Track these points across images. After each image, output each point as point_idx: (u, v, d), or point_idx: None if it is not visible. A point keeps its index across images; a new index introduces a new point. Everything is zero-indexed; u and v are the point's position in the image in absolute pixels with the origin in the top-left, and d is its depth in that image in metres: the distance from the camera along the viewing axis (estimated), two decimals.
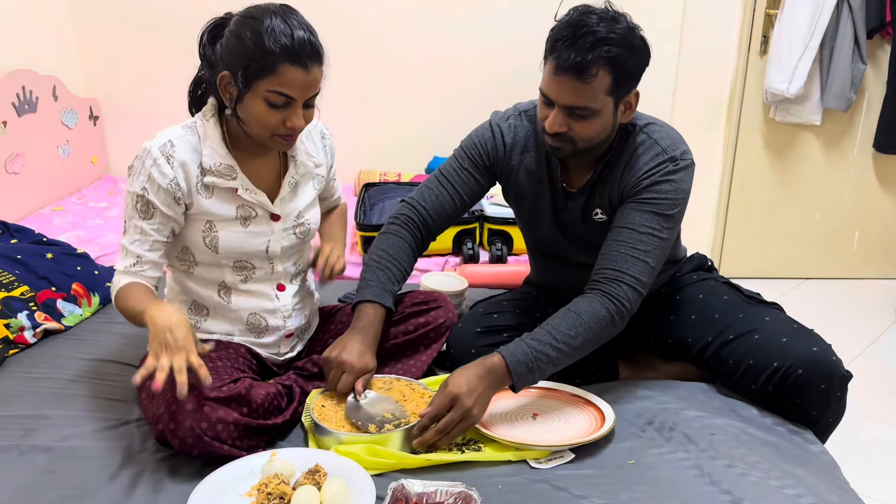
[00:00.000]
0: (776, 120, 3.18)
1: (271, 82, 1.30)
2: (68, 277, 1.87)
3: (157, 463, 1.30)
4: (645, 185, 1.47)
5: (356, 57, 3.06)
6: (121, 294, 1.39)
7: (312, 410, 1.38)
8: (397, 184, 2.70)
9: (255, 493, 1.19)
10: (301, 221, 1.53)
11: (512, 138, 1.60)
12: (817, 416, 1.48)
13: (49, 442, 1.36)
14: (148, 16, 3.01)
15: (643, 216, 1.46)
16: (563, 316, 1.41)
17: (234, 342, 1.52)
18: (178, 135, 1.40)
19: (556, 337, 1.38)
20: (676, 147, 1.49)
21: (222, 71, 1.34)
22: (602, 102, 1.39)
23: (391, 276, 1.55)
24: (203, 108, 1.44)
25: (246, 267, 1.49)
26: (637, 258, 1.44)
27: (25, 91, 2.55)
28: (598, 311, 1.41)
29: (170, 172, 1.36)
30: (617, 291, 1.42)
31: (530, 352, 1.37)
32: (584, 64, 1.33)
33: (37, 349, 1.71)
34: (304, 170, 1.54)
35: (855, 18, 2.96)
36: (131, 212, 1.40)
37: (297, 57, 1.29)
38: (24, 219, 2.51)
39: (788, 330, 1.52)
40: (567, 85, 1.36)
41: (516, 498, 1.22)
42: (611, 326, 1.43)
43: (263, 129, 1.35)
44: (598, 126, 1.42)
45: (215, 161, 1.40)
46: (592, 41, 1.32)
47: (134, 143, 3.30)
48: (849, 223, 3.35)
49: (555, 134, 1.43)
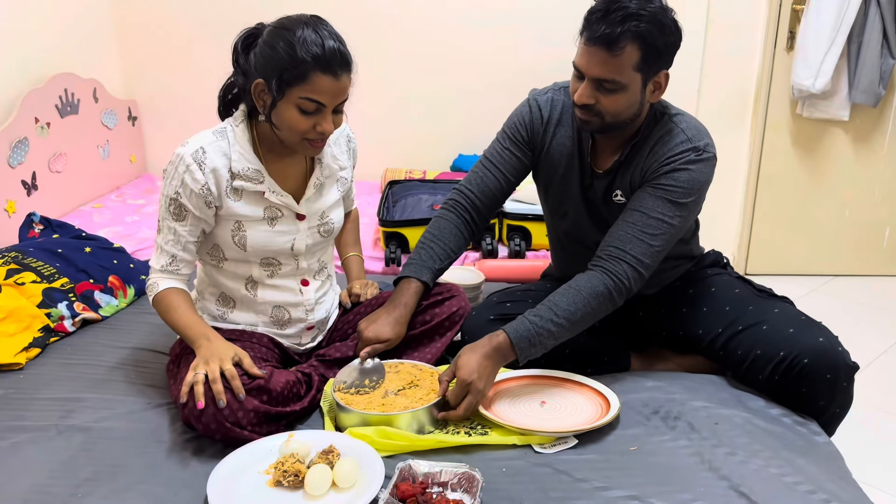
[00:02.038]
0: (803, 116, 3.16)
1: (303, 90, 1.37)
2: (105, 270, 1.97)
3: (183, 443, 1.39)
4: (664, 171, 1.51)
5: (384, 57, 3.12)
6: (162, 301, 1.50)
7: (335, 393, 1.46)
8: (421, 181, 2.76)
9: (272, 470, 1.26)
10: (325, 221, 1.60)
11: (549, 111, 1.66)
12: (824, 406, 1.50)
13: (86, 423, 1.45)
14: (184, 21, 3.12)
15: (656, 201, 1.50)
16: (563, 292, 1.49)
17: (258, 332, 1.60)
18: (209, 141, 1.47)
19: (557, 312, 1.46)
20: (701, 138, 1.54)
21: (256, 79, 1.41)
22: (629, 77, 1.44)
23: (432, 254, 1.65)
24: (234, 114, 1.52)
25: (272, 263, 1.57)
26: (642, 240, 1.49)
27: (67, 94, 2.68)
28: (597, 287, 1.47)
29: (201, 178, 1.44)
30: (617, 269, 1.48)
31: (532, 327, 1.45)
32: (614, 36, 1.39)
33: (76, 337, 1.81)
34: (329, 171, 1.61)
35: (884, 13, 2.93)
36: (165, 213, 1.49)
37: (328, 65, 1.36)
38: (67, 215, 2.64)
39: (796, 321, 1.54)
40: (597, 57, 1.43)
41: (519, 480, 1.27)
42: (608, 303, 1.49)
43: (295, 135, 1.42)
44: (625, 101, 1.47)
45: (244, 166, 1.48)
46: (623, 16, 1.39)
47: (170, 143, 3.42)
48: (879, 220, 3.31)
49: (583, 106, 1.48)
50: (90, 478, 1.28)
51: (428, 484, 1.22)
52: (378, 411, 1.40)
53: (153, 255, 1.54)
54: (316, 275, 1.64)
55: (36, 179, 2.50)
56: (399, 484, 1.20)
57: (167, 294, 1.50)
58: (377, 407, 1.42)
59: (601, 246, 1.52)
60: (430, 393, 1.46)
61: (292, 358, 1.65)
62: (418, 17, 3.14)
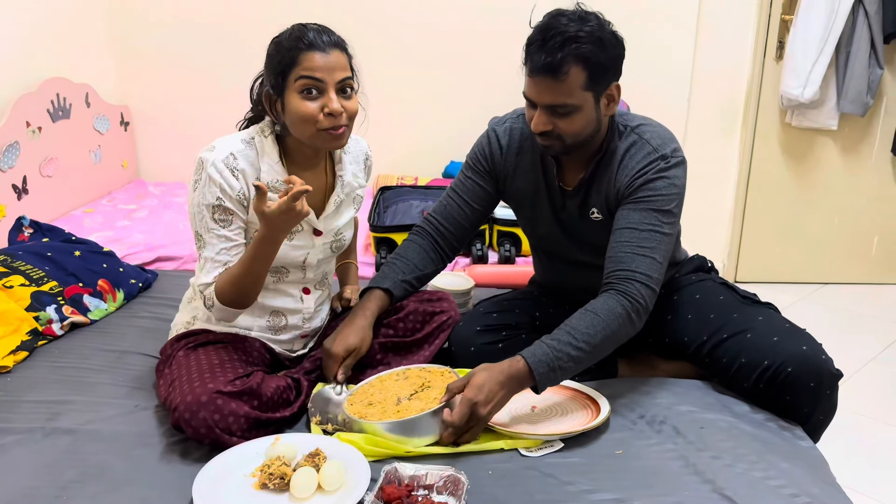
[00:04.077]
0: (792, 125, 3.19)
1: (297, 72, 1.41)
2: (95, 274, 1.97)
3: (170, 445, 1.39)
4: (639, 185, 1.51)
5: (376, 63, 3.10)
6: (225, 289, 1.43)
7: (347, 410, 1.42)
8: (413, 187, 2.77)
9: (258, 473, 1.26)
10: (339, 238, 1.63)
11: (507, 141, 1.67)
12: (808, 414, 1.51)
13: (72, 425, 1.45)
14: (178, 26, 3.13)
15: (642, 214, 1.50)
16: (580, 316, 1.44)
17: (251, 336, 1.60)
18: (238, 148, 1.47)
19: (576, 336, 1.40)
20: (667, 146, 1.54)
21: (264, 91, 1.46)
22: (580, 98, 1.45)
23: (395, 268, 1.67)
24: (260, 125, 1.53)
25: (280, 272, 1.58)
26: (643, 255, 1.47)
27: (59, 98, 2.68)
28: (615, 309, 1.43)
29: (236, 184, 1.45)
30: (630, 289, 1.45)
31: (550, 352, 1.38)
32: (556, 63, 1.40)
33: (64, 341, 1.81)
34: (349, 189, 1.63)
35: (871, 23, 2.96)
36: (209, 223, 1.45)
37: (313, 43, 1.41)
38: (58, 220, 2.63)
39: (780, 329, 1.55)
40: (543, 85, 1.44)
41: (505, 483, 1.27)
42: (629, 324, 1.45)
43: (309, 125, 1.43)
44: (582, 121, 1.48)
45: (272, 178, 1.49)
46: (561, 41, 1.40)
47: (162, 148, 3.44)
48: (868, 228, 3.34)
49: (541, 133, 1.49)
50: (76, 479, 1.28)
51: (413, 487, 1.23)
52: (395, 419, 1.36)
53: (198, 273, 1.49)
54: (318, 285, 1.66)
55: (27, 183, 2.50)
56: (384, 487, 1.21)
57: (219, 283, 1.44)
58: (393, 415, 1.38)
59: (606, 271, 1.50)
60: (446, 392, 1.42)
61: (282, 363, 1.65)
62: (411, 23, 3.15)
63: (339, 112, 1.42)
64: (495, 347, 1.63)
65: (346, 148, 1.64)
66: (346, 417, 1.42)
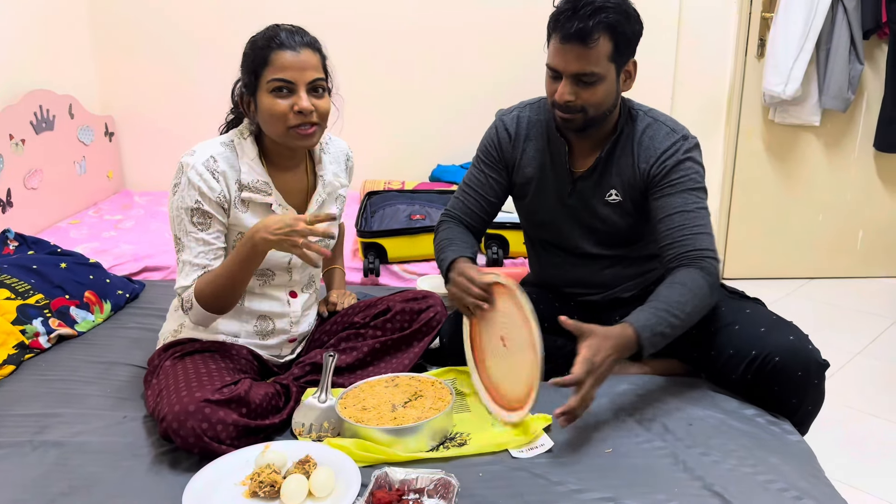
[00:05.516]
0: (775, 121, 3.21)
1: (268, 72, 1.43)
2: (81, 286, 1.96)
3: (159, 456, 1.38)
4: (670, 167, 1.57)
5: (361, 68, 3.14)
6: (204, 291, 1.43)
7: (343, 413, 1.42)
8: (399, 191, 2.77)
9: (248, 481, 1.26)
10: (323, 237, 1.61)
11: (516, 128, 1.71)
12: (797, 405, 1.52)
13: (60, 437, 1.44)
14: (161, 36, 3.13)
15: (685, 196, 1.56)
16: (670, 287, 1.48)
17: (238, 343, 1.60)
18: (217, 151, 1.49)
19: (671, 305, 1.44)
20: (681, 128, 1.62)
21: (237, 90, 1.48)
22: (605, 68, 1.50)
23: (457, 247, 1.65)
24: (239, 127, 1.55)
25: (266, 274, 1.58)
26: (701, 233, 1.54)
27: (43, 110, 2.67)
28: (699, 282, 1.48)
29: (217, 186, 1.46)
30: (707, 266, 1.51)
31: (653, 317, 1.42)
32: (587, 30, 1.45)
33: (51, 353, 1.80)
34: (331, 189, 1.64)
35: (850, 19, 2.99)
36: (188, 227, 1.46)
37: (284, 42, 1.43)
38: (43, 232, 2.62)
39: (767, 321, 1.56)
40: (573, 53, 1.48)
41: (496, 485, 1.27)
42: (709, 297, 1.50)
43: (279, 123, 1.44)
44: (604, 92, 1.52)
45: (253, 178, 1.50)
46: (592, 10, 1.45)
47: (148, 158, 3.42)
48: (852, 223, 3.36)
49: (565, 105, 1.52)
50: (64, 492, 1.28)
51: (404, 491, 1.23)
52: (393, 425, 1.37)
53: (179, 276, 1.49)
54: (304, 288, 1.66)
55: (11, 196, 2.49)
56: (375, 492, 1.21)
57: (199, 286, 1.44)
58: (389, 421, 1.39)
59: (672, 256, 1.53)
60: (438, 401, 1.45)
61: (271, 370, 1.65)
62: (397, 28, 3.16)
63: (308, 110, 1.44)
64: None
65: (326, 148, 1.65)
66: (337, 423, 1.42)
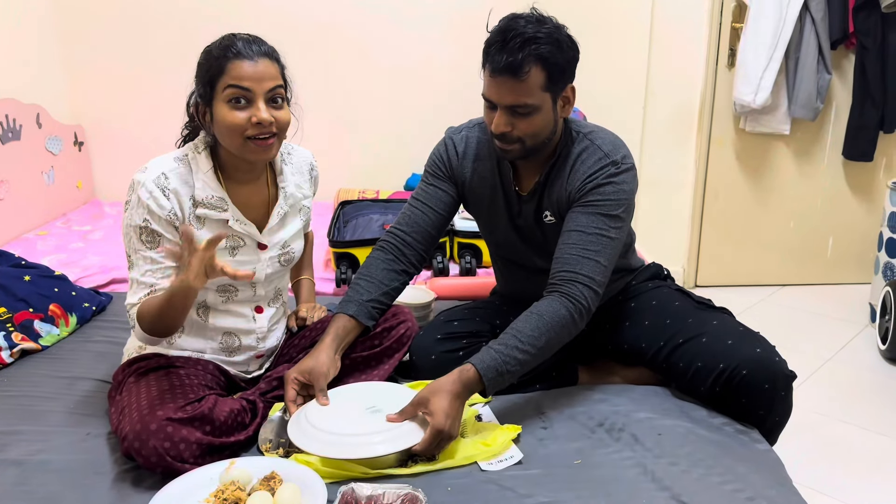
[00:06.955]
0: (746, 130, 3.25)
1: (224, 81, 1.39)
2: (46, 299, 1.92)
3: (122, 474, 1.35)
4: (589, 189, 1.55)
5: (333, 77, 3.13)
6: (142, 311, 1.40)
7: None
8: (373, 201, 2.76)
9: (212, 499, 1.24)
10: (286, 250, 1.60)
11: (464, 148, 1.70)
12: (764, 416, 1.53)
13: (20, 456, 1.40)
14: (131, 44, 3.09)
15: (590, 218, 1.53)
16: (525, 319, 1.47)
17: (205, 359, 1.57)
18: (170, 167, 1.45)
19: (521, 339, 1.44)
20: (617, 151, 1.57)
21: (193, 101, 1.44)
22: (540, 98, 1.48)
23: (359, 289, 1.64)
24: (195, 141, 1.50)
25: (229, 290, 1.55)
26: (588, 258, 1.50)
27: (9, 119, 2.62)
28: (558, 311, 1.46)
29: (167, 204, 1.42)
30: (573, 291, 1.48)
31: (498, 356, 1.42)
32: (517, 63, 1.43)
33: (13, 368, 1.76)
34: (293, 201, 1.61)
35: (818, 30, 3.04)
36: (137, 244, 1.43)
37: (241, 52, 1.40)
38: (9, 243, 2.57)
39: (734, 333, 1.57)
40: (505, 86, 1.46)
41: (464, 499, 1.26)
42: (572, 325, 1.48)
43: (235, 135, 1.41)
44: (541, 121, 1.51)
45: (207, 193, 1.46)
46: (521, 42, 1.43)
47: (118, 168, 3.38)
48: (822, 230, 3.41)
49: (502, 135, 1.51)
50: None
51: None
52: (359, 454, 1.33)
53: (129, 293, 1.45)
54: (271, 302, 1.63)
55: None
56: None
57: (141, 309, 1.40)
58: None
59: (551, 272, 1.53)
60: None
61: (237, 384, 1.63)
62: (369, 35, 3.15)
63: (267, 122, 1.41)
64: (456, 355, 1.62)
65: (288, 159, 1.62)
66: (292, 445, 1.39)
